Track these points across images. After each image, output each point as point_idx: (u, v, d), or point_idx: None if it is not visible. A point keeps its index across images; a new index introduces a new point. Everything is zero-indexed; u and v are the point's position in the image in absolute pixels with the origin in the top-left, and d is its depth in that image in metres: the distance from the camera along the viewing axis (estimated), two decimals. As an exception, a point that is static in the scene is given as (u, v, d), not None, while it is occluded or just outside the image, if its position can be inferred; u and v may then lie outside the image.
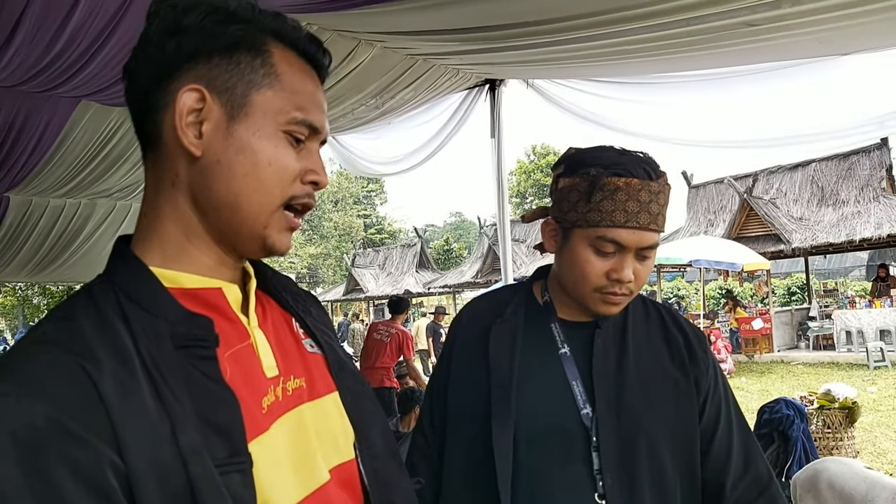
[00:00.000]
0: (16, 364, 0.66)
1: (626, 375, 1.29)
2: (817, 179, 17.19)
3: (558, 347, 1.32)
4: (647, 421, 1.26)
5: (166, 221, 0.79)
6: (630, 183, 1.20)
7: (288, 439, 0.79)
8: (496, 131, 4.95)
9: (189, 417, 0.68)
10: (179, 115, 0.75)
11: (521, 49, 3.61)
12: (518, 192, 44.38)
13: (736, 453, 1.33)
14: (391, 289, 26.53)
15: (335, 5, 2.99)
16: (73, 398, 0.63)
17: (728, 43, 3.24)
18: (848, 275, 30.66)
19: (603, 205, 1.20)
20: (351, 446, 0.88)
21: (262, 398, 0.78)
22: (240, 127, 0.76)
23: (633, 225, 1.20)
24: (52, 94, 3.85)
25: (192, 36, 0.76)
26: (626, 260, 1.22)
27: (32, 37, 2.91)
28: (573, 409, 1.27)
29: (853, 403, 6.41)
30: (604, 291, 1.24)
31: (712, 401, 1.34)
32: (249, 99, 0.77)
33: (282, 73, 0.79)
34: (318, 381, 0.88)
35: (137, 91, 0.78)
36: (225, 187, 0.76)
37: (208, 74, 0.76)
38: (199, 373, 0.71)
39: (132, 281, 0.75)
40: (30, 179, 5.23)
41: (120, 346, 0.68)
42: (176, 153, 0.77)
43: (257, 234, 0.79)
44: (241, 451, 0.70)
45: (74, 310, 0.72)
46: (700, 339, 1.38)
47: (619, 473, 1.22)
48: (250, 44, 0.78)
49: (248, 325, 0.82)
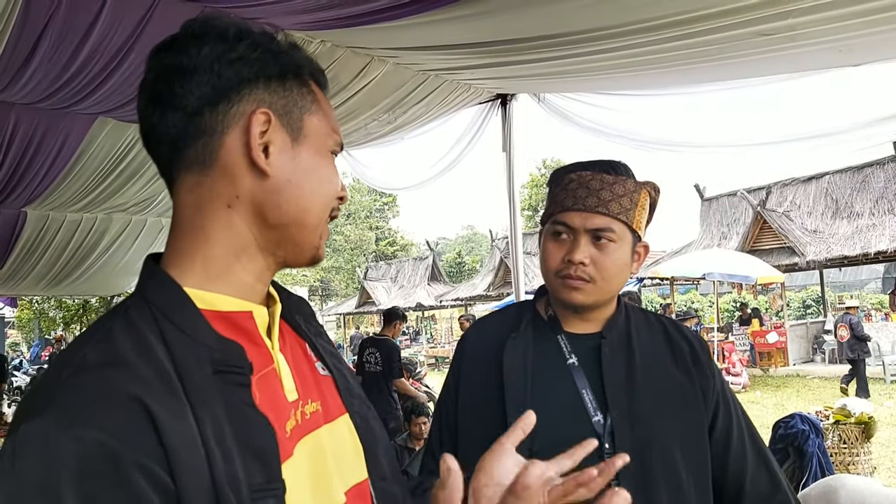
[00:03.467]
0: (62, 392, 0.65)
1: (635, 382, 1.32)
2: (831, 192, 17.07)
3: (566, 358, 1.35)
4: (659, 426, 1.29)
5: (214, 242, 0.79)
6: (582, 175, 1.35)
7: (308, 462, 0.80)
8: (507, 145, 4.97)
9: (228, 444, 0.68)
10: (253, 136, 0.78)
11: (533, 63, 3.64)
12: (529, 205, 44.32)
13: (751, 456, 1.36)
14: (403, 301, 26.52)
15: (348, 22, 3.03)
16: (124, 423, 0.63)
17: (740, 53, 3.24)
18: (863, 287, 30.35)
19: (557, 195, 1.37)
20: (363, 467, 0.89)
21: (286, 422, 0.79)
22: (303, 148, 0.82)
23: (580, 207, 1.32)
24: (70, 110, 3.92)
25: (249, 63, 0.79)
26: (578, 242, 1.32)
27: (51, 55, 2.97)
28: (584, 417, 1.29)
29: (869, 418, 6.33)
30: (562, 275, 1.33)
31: (723, 408, 1.37)
32: (304, 123, 0.83)
33: (320, 100, 0.86)
34: (331, 404, 0.89)
35: (187, 115, 0.78)
36: (296, 204, 0.81)
37: (269, 99, 0.81)
38: (236, 399, 0.72)
39: (170, 303, 0.75)
40: (47, 195, 5.31)
41: (163, 371, 0.68)
42: (241, 174, 0.79)
43: (315, 244, 0.86)
44: (276, 476, 0.71)
45: (113, 332, 0.71)
46: (703, 348, 1.42)
47: (635, 479, 1.22)
48: (296, 73, 0.84)
49: (272, 349, 0.83)
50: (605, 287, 1.34)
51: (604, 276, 1.32)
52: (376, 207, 49.59)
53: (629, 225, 1.33)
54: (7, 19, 2.66)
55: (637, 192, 1.35)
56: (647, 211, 1.40)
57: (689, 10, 2.72)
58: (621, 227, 1.32)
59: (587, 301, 1.34)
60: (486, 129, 5.02)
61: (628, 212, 1.33)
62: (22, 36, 2.78)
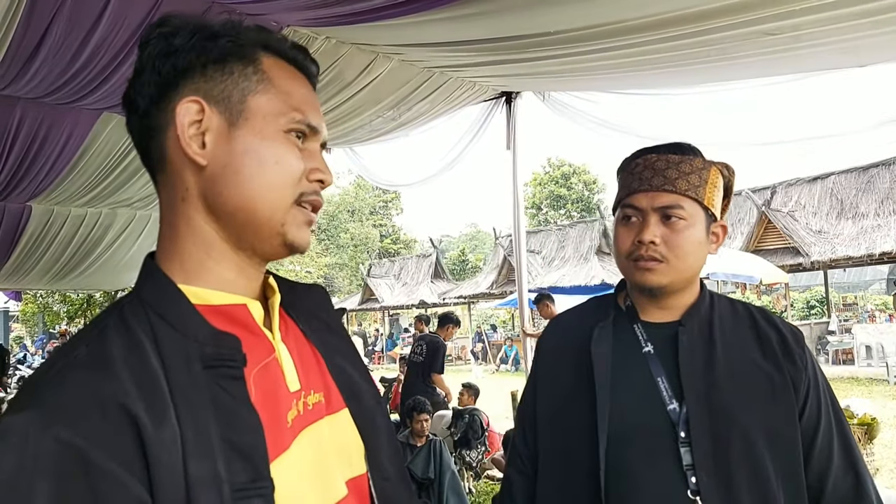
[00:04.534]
0: (50, 390, 0.66)
1: (715, 372, 1.27)
2: (836, 192, 17.02)
3: (642, 346, 1.33)
4: (741, 417, 1.24)
5: (183, 238, 0.80)
6: (647, 157, 1.33)
7: (310, 453, 0.80)
8: (512, 143, 4.97)
9: (211, 443, 0.68)
10: (181, 127, 0.77)
11: (538, 61, 3.63)
12: (533, 203, 44.29)
13: (837, 457, 1.28)
14: (406, 299, 26.53)
15: (353, 18, 3.03)
16: (104, 429, 0.63)
17: (746, 53, 3.23)
18: (868, 288, 30.26)
19: (625, 180, 1.36)
20: (363, 460, 0.89)
21: (287, 413, 0.79)
22: (241, 132, 0.79)
23: (646, 188, 1.30)
24: (75, 105, 3.92)
25: (184, 54, 0.78)
26: (647, 223, 1.29)
27: (57, 50, 2.97)
28: (659, 404, 1.27)
29: (872, 419, 6.32)
30: (633, 258, 1.30)
31: (812, 401, 1.29)
32: (246, 104, 0.79)
33: (274, 78, 0.82)
34: (334, 396, 0.89)
35: (139, 117, 0.80)
36: (236, 190, 0.78)
37: (204, 87, 0.79)
38: (225, 394, 0.72)
39: (162, 299, 0.76)
40: (52, 189, 5.32)
41: (151, 371, 0.69)
42: (183, 167, 0.79)
43: (276, 231, 0.80)
44: (263, 475, 0.70)
45: (106, 331, 0.72)
46: (796, 337, 1.34)
47: (714, 470, 1.20)
48: (240, 54, 0.80)
49: (273, 339, 0.83)
50: (680, 266, 1.29)
51: (677, 255, 1.28)
52: (380, 204, 49.58)
53: (700, 202, 1.29)
54: (13, 14, 2.67)
55: (706, 169, 1.31)
56: (720, 190, 1.35)
57: (693, 7, 2.71)
58: (691, 204, 1.28)
59: (662, 281, 1.29)
60: (490, 127, 5.02)
61: (697, 188, 1.29)
62: (27, 31, 2.79)
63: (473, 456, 6.93)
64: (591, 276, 19.17)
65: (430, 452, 5.46)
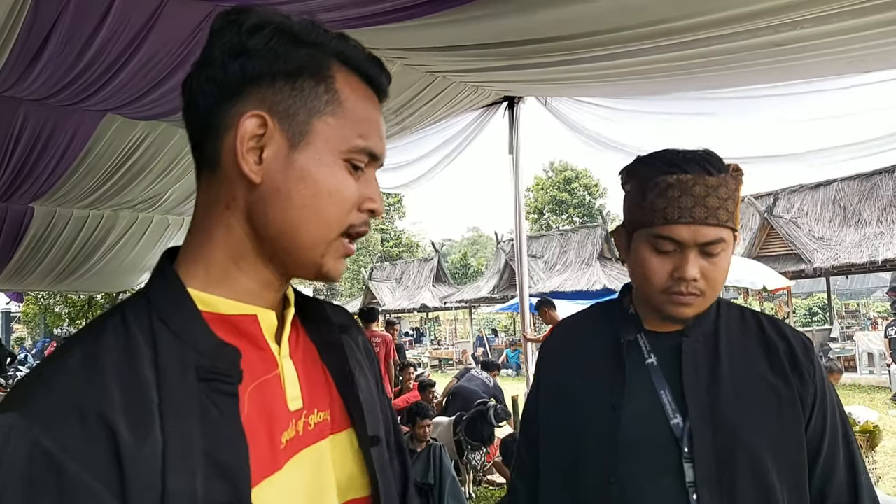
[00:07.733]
0: (38, 391, 0.64)
1: (719, 385, 1.23)
2: (839, 199, 17.00)
3: (644, 357, 1.29)
4: (746, 432, 1.20)
5: (215, 245, 0.77)
6: (682, 179, 1.19)
7: (304, 475, 0.77)
8: (514, 148, 4.97)
9: (194, 460, 0.66)
10: (241, 140, 0.73)
11: (540, 66, 3.63)
12: (535, 207, 44.27)
13: (841, 465, 1.25)
14: (408, 303, 26.53)
15: (357, 22, 3.03)
16: (81, 440, 0.61)
17: (750, 62, 3.23)
18: (870, 295, 30.21)
19: (656, 203, 1.21)
20: (367, 483, 0.85)
21: (282, 433, 0.76)
22: (301, 155, 0.74)
23: (688, 220, 1.18)
24: (78, 107, 3.93)
25: (257, 59, 0.73)
26: (687, 257, 1.20)
27: (60, 52, 2.98)
28: (662, 418, 1.23)
29: (874, 427, 6.29)
30: (670, 292, 1.22)
31: (818, 412, 1.25)
32: (311, 126, 0.75)
33: (345, 100, 0.77)
34: (341, 415, 0.86)
35: (197, 112, 0.76)
36: (283, 216, 0.75)
37: (272, 99, 0.74)
38: (215, 409, 0.69)
39: (169, 304, 0.73)
40: (55, 191, 5.33)
41: (142, 380, 0.67)
42: (234, 177, 0.75)
43: (314, 261, 0.78)
44: (243, 498, 0.67)
45: (105, 335, 0.69)
46: (805, 347, 1.30)
47: (717, 487, 1.17)
48: (315, 69, 0.76)
49: (279, 354, 0.80)
50: (713, 296, 1.25)
51: (713, 287, 1.22)
52: (382, 208, 49.53)
53: (734, 228, 1.24)
54: (17, 16, 2.67)
55: (737, 189, 1.23)
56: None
57: (697, 15, 2.70)
58: (729, 233, 1.22)
59: (697, 313, 1.25)
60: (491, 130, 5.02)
61: (733, 214, 1.22)
62: (31, 33, 2.79)
63: (477, 458, 6.90)
64: (593, 282, 19.16)
65: (430, 457, 5.45)
